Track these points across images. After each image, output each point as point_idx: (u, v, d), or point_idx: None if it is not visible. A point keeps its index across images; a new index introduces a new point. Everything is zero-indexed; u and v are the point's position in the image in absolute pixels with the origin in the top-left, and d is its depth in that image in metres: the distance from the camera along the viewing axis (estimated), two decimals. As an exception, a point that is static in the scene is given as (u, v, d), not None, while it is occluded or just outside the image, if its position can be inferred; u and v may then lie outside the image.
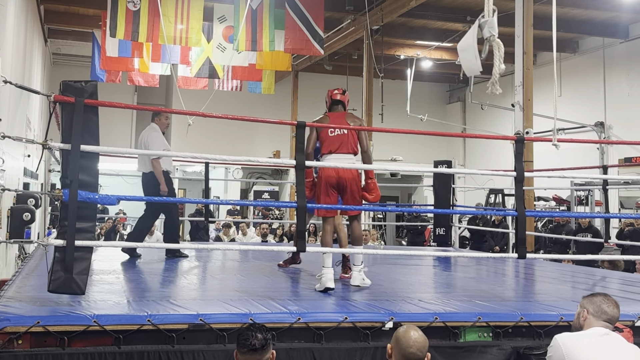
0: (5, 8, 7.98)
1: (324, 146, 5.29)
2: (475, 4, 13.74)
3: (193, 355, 3.51)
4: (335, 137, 5.25)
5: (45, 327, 3.35)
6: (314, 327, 3.77)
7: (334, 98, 5.62)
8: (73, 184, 3.64)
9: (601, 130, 15.74)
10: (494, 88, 4.82)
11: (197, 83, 14.72)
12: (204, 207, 10.72)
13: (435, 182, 9.18)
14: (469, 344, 3.99)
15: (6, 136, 3.73)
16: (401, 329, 2.95)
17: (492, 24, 4.73)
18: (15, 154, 8.87)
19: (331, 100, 5.63)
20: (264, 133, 19.94)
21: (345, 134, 5.24)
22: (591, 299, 3.27)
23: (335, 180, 5.14)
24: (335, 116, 5.45)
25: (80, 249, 3.68)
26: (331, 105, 5.62)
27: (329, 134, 5.27)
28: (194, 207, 16.54)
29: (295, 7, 11.68)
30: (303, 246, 4.17)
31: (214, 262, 7.28)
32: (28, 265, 5.91)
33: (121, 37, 11.41)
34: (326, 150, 5.26)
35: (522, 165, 4.57)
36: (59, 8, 14.59)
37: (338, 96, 5.63)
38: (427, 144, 20.58)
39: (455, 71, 17.78)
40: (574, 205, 13.99)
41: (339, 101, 5.62)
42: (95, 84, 3.81)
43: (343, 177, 5.15)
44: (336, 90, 5.69)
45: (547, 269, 7.43)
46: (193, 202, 9.82)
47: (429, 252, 8.60)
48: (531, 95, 9.92)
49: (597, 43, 16.16)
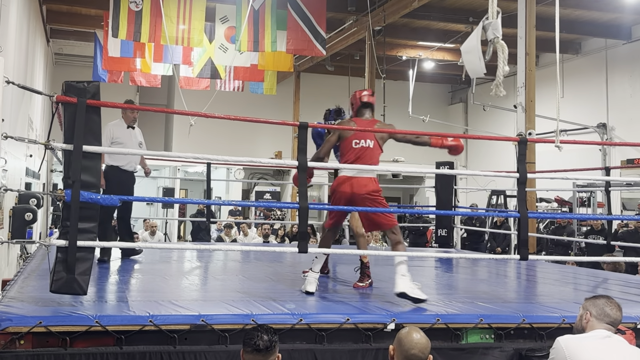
0: (8, 8, 7.98)
1: (345, 156, 4.75)
2: (478, 4, 13.74)
3: (195, 356, 3.51)
4: (359, 150, 4.69)
5: (47, 328, 3.35)
6: (316, 329, 3.77)
7: (363, 100, 4.89)
8: (75, 185, 3.64)
9: (603, 132, 15.72)
10: (497, 90, 4.82)
11: (199, 83, 14.72)
12: (206, 207, 10.74)
13: (437, 183, 9.17)
14: (471, 345, 3.99)
15: (8, 136, 3.73)
16: (403, 331, 2.94)
17: (496, 26, 4.73)
18: (18, 154, 8.88)
19: (360, 103, 4.90)
20: (266, 134, 19.95)
21: (371, 148, 4.68)
22: (594, 302, 3.26)
23: (349, 196, 4.67)
24: (363, 124, 4.77)
25: (82, 249, 3.68)
26: (359, 109, 4.90)
27: (353, 145, 4.69)
28: (195, 207, 16.55)
29: (297, 7, 11.67)
30: (305, 247, 4.16)
31: (216, 263, 7.28)
32: (30, 266, 5.91)
33: (123, 38, 11.41)
34: (347, 162, 4.73)
35: (525, 167, 4.56)
36: (61, 8, 14.61)
37: (366, 98, 4.89)
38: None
39: (458, 72, 17.75)
40: (576, 207, 13.98)
41: (368, 104, 4.90)
42: (98, 85, 3.81)
43: (357, 193, 4.63)
44: (365, 91, 4.96)
45: (549, 270, 7.42)
46: (195, 202, 9.82)
47: (430, 253, 8.59)
48: (533, 96, 9.91)
49: (599, 44, 16.14)
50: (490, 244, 13.04)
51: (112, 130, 6.41)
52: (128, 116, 6.49)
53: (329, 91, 19.54)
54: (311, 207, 4.32)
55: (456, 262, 7.75)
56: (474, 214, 13.39)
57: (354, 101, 4.93)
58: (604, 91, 15.93)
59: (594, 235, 11.10)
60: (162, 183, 19.87)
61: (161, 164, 18.35)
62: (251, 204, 17.66)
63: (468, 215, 13.48)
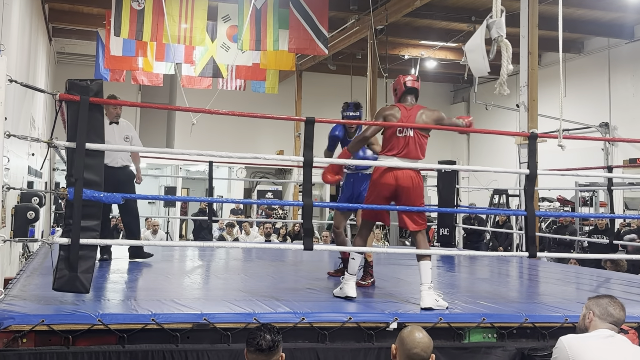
0: (10, 7, 7.99)
1: (387, 146, 4.49)
2: (480, 4, 13.73)
3: (197, 354, 3.51)
4: (402, 139, 4.43)
5: (49, 326, 3.35)
6: (318, 327, 3.76)
7: (407, 86, 4.62)
8: (78, 183, 3.64)
9: (606, 131, 15.69)
10: (501, 89, 4.80)
11: (201, 82, 14.72)
12: (208, 206, 10.73)
13: (440, 182, 9.16)
14: (473, 345, 3.98)
15: (11, 135, 3.74)
16: (406, 330, 2.94)
17: (500, 25, 4.72)
18: (20, 152, 8.89)
19: (404, 88, 4.62)
20: (268, 133, 19.95)
21: (412, 137, 4.45)
22: (597, 301, 3.25)
23: (394, 188, 4.43)
24: (407, 111, 4.51)
25: (84, 247, 3.68)
26: (403, 95, 4.64)
27: (397, 134, 4.44)
28: (197, 206, 16.55)
29: (299, 6, 11.67)
30: (310, 244, 4.13)
31: (218, 262, 7.28)
32: (32, 264, 5.92)
33: (125, 36, 11.42)
34: (389, 152, 4.47)
35: (535, 163, 4.54)
36: (64, 7, 14.63)
37: (410, 83, 4.62)
38: (431, 143, 20.15)
39: (460, 71, 17.73)
40: (578, 206, 13.96)
41: (412, 89, 4.63)
42: (101, 83, 3.82)
43: (403, 185, 4.40)
44: (409, 76, 4.70)
45: (551, 270, 7.41)
46: (197, 200, 9.84)
47: (433, 251, 8.55)
48: (536, 95, 9.90)
49: (602, 43, 16.11)
50: (492, 244, 13.03)
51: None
52: (110, 112, 6.26)
53: (331, 90, 19.54)
54: (315, 205, 4.31)
55: (458, 261, 7.74)
56: (478, 211, 13.35)
57: (398, 86, 4.69)
58: (607, 90, 15.90)
59: (598, 235, 11.08)
60: (164, 182, 19.89)
61: (163, 162, 18.37)
62: (254, 202, 17.65)
63: (472, 212, 13.44)
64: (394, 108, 4.58)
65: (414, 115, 4.51)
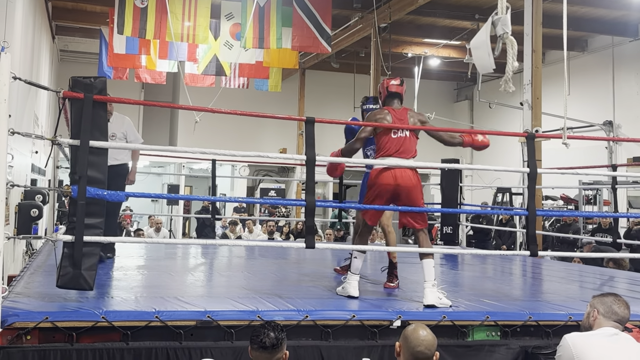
0: (14, 5, 8.00)
1: (382, 149, 4.54)
2: (484, 1, 13.69)
3: (201, 351, 3.51)
4: (397, 140, 4.49)
5: (53, 323, 3.36)
6: (322, 325, 3.76)
7: (390, 90, 4.70)
8: (82, 180, 3.64)
9: (610, 130, 15.65)
10: (507, 85, 4.79)
11: (204, 80, 14.73)
12: (211, 204, 10.74)
13: (443, 181, 9.14)
14: (477, 343, 3.98)
15: (15, 132, 3.74)
16: (410, 328, 2.94)
17: (506, 22, 4.71)
18: (23, 150, 8.91)
19: (387, 92, 4.71)
20: (270, 131, 19.94)
21: (407, 137, 4.53)
22: (602, 299, 3.25)
23: (393, 188, 4.44)
24: (397, 113, 4.61)
25: (88, 244, 3.69)
26: (387, 99, 4.72)
27: (392, 135, 4.50)
28: (200, 204, 16.57)
29: (302, 4, 11.66)
30: (312, 242, 4.13)
31: (221, 259, 7.28)
32: (36, 261, 5.93)
33: (128, 34, 11.42)
34: (385, 154, 4.52)
35: (535, 162, 4.54)
36: (67, 5, 14.65)
37: (394, 88, 4.70)
38: (434, 142, 20.33)
39: (463, 69, 17.71)
40: (582, 205, 13.93)
41: (396, 94, 4.70)
42: (104, 80, 3.82)
43: (402, 185, 4.43)
44: (394, 80, 4.75)
45: (554, 268, 7.40)
46: (200, 199, 9.84)
47: (436, 250, 8.55)
48: (540, 93, 9.87)
49: (606, 42, 16.06)
50: (496, 242, 13.01)
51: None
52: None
53: (334, 88, 19.53)
54: (318, 204, 4.31)
55: (461, 259, 7.73)
56: (480, 211, 13.33)
57: (382, 90, 4.75)
58: (611, 89, 15.85)
59: (602, 234, 11.04)
60: (167, 180, 19.90)
61: (166, 160, 18.38)
62: (257, 200, 17.65)
63: (475, 213, 13.43)
64: (383, 111, 4.65)
65: (405, 116, 4.61)
